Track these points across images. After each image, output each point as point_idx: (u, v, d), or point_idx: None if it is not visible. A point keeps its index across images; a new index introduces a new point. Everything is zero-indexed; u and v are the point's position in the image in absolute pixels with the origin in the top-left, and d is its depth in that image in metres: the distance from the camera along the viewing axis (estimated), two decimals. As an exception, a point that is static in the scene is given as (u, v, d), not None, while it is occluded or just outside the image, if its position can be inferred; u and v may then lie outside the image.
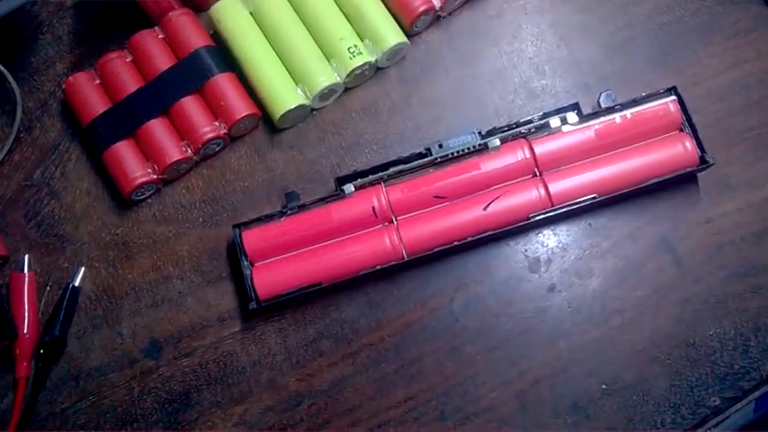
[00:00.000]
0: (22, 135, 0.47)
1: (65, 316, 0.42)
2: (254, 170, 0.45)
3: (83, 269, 0.44)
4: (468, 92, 0.46)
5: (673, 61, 0.46)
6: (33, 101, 0.48)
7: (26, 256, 0.44)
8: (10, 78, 0.46)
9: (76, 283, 0.43)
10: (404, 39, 0.45)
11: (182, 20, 0.45)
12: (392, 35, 0.45)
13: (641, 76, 0.45)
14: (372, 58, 0.45)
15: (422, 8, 0.45)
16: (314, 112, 0.46)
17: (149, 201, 0.45)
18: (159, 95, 0.44)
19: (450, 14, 0.47)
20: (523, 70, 0.46)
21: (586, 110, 0.43)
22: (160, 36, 0.46)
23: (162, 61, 0.45)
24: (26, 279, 0.43)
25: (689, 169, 0.41)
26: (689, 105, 0.42)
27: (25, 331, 0.42)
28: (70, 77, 0.45)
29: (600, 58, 0.46)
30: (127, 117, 0.44)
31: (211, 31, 0.47)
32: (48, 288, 0.44)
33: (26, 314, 0.42)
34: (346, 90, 0.46)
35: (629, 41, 0.46)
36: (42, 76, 0.48)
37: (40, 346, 0.42)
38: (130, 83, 0.45)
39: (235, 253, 0.42)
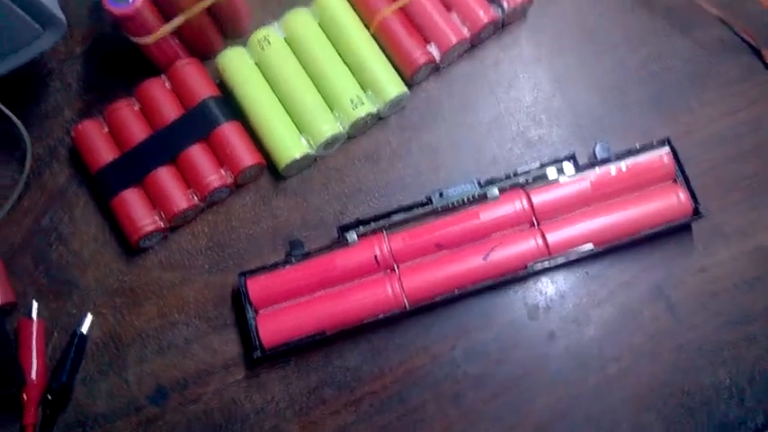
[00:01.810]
0: (31, 180, 0.48)
1: (72, 363, 0.43)
2: (259, 217, 0.46)
3: (90, 316, 0.45)
4: (466, 139, 0.47)
5: (666, 109, 0.47)
6: (42, 147, 0.49)
7: (35, 303, 0.45)
8: (21, 127, 0.47)
9: (84, 331, 0.44)
10: (404, 89, 0.46)
11: (188, 69, 0.47)
12: (393, 86, 0.46)
13: (636, 124, 0.46)
14: (374, 109, 0.46)
15: (422, 60, 0.46)
16: (317, 160, 0.47)
17: (156, 247, 0.46)
18: (167, 144, 0.45)
19: (448, 65, 0.48)
20: (520, 119, 0.47)
21: (582, 159, 0.44)
22: (167, 85, 0.47)
23: (169, 110, 0.46)
24: (34, 326, 0.44)
25: (683, 221, 0.42)
26: (683, 153, 0.43)
27: (33, 377, 0.43)
28: (79, 125, 0.47)
29: (595, 105, 0.47)
30: (135, 165, 0.45)
31: (217, 80, 0.48)
32: (55, 334, 0.45)
33: (34, 360, 0.43)
34: (349, 138, 0.47)
35: (622, 89, 0.47)
36: (51, 122, 0.49)
37: (47, 393, 0.43)
38: (138, 131, 0.46)
39: (239, 299, 0.43)
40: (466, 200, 0.44)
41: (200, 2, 0.44)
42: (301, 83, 0.46)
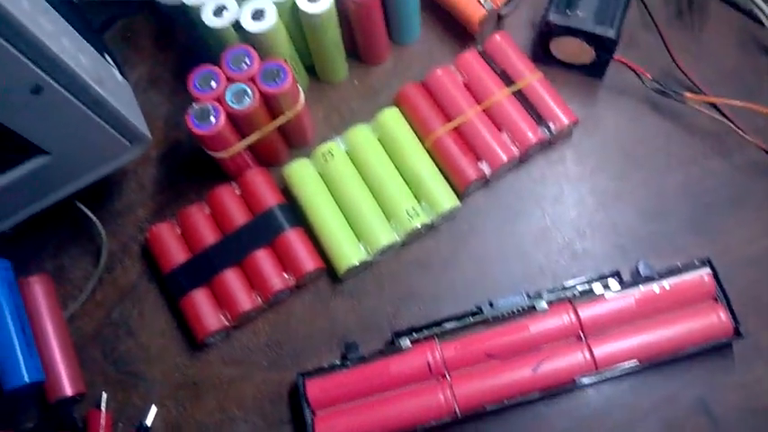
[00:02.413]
0: (104, 275, 0.52)
1: (137, 455, 0.45)
2: (317, 317, 0.49)
3: (154, 408, 0.47)
4: (514, 249, 0.50)
5: (705, 229, 0.49)
6: (116, 243, 0.52)
7: (104, 395, 0.47)
8: (98, 224, 0.51)
9: (148, 423, 0.46)
10: (457, 203, 0.50)
11: (257, 178, 0.50)
12: (447, 200, 0.49)
13: (675, 242, 0.49)
14: (428, 220, 0.49)
15: (474, 177, 0.49)
16: (373, 264, 0.50)
17: (218, 343, 0.49)
18: (234, 248, 0.49)
19: (498, 179, 0.52)
20: (566, 232, 0.50)
21: (625, 273, 0.47)
22: (236, 191, 0.51)
23: (237, 215, 0.50)
24: (103, 417, 0.46)
25: (723, 340, 0.44)
26: (722, 272, 0.46)
27: (100, 468, 0.45)
28: (153, 227, 0.50)
29: (636, 223, 0.50)
30: (204, 267, 0.48)
31: (282, 185, 0.52)
32: (120, 424, 0.47)
33: (101, 451, 0.46)
34: (402, 244, 0.50)
35: (662, 208, 0.50)
36: (125, 220, 0.53)
37: (112, 484, 0.45)
38: (208, 234, 0.49)
39: (295, 398, 0.46)
40: (515, 311, 0.46)
41: (274, 121, 0.48)
42: (361, 193, 0.50)
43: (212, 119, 0.45)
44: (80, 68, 0.37)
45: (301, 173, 0.51)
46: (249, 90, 0.45)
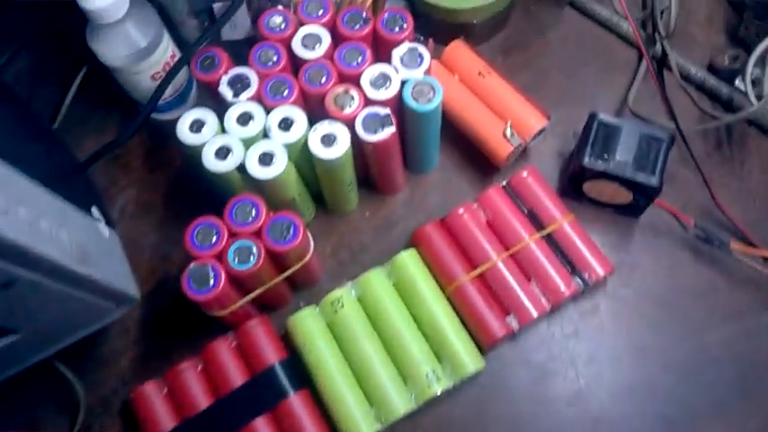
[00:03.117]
0: (80, 433, 0.45)
1: None
2: (322, 495, 0.43)
3: None
4: (543, 418, 0.45)
5: (752, 392, 0.45)
6: (95, 397, 0.46)
7: None
8: (77, 384, 0.45)
9: None
10: (482, 364, 0.44)
11: (257, 330, 0.45)
12: (471, 361, 0.44)
13: (720, 407, 0.44)
14: (450, 384, 0.44)
15: (501, 334, 0.44)
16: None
17: None
18: (231, 415, 0.43)
19: (525, 331, 0.47)
20: (602, 396, 0.45)
21: (671, 450, 0.42)
22: (233, 344, 0.45)
23: (234, 374, 0.44)
24: None
25: None
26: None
27: None
28: (138, 388, 0.44)
29: (676, 385, 0.45)
30: (195, 437, 0.43)
31: (283, 332, 0.46)
32: None
33: None
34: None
35: (705, 368, 0.45)
36: (106, 371, 0.47)
37: None
38: (200, 396, 0.44)
39: None
40: (550, 500, 0.41)
41: (280, 275, 0.43)
42: (374, 351, 0.44)
43: (211, 282, 0.39)
44: (59, 251, 0.31)
45: (307, 325, 0.45)
46: (254, 248, 0.40)
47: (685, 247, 0.48)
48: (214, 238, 0.40)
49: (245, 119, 0.42)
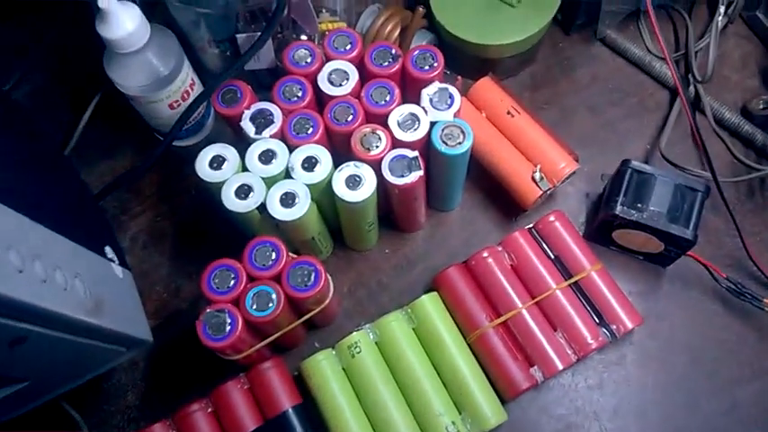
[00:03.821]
0: (82, 476, 0.44)
1: None
2: None
3: None
4: (566, 469, 0.43)
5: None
6: (100, 435, 0.45)
7: None
8: (81, 422, 0.43)
9: None
10: (505, 417, 0.43)
11: (270, 373, 0.43)
12: (494, 415, 0.42)
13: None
14: (470, 438, 0.42)
15: (525, 386, 0.43)
16: (401, 481, 0.43)
17: None
18: (241, 465, 0.41)
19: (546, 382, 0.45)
20: (627, 453, 0.43)
21: None
22: (246, 387, 0.43)
23: (246, 418, 0.42)
24: None
25: None
26: None
27: None
28: (146, 429, 0.42)
29: (706, 444, 0.44)
30: (204, 486, 0.41)
31: (296, 372, 0.44)
32: None
33: None
34: (435, 457, 0.43)
35: (736, 425, 0.44)
36: (112, 407, 0.46)
37: None
38: (210, 441, 0.42)
39: None
40: None
41: (298, 320, 0.41)
42: (392, 399, 0.43)
43: (227, 329, 0.38)
44: (74, 305, 0.30)
45: (323, 369, 0.43)
46: (274, 294, 0.38)
47: (716, 299, 0.47)
48: (232, 282, 0.38)
49: (267, 157, 0.40)
